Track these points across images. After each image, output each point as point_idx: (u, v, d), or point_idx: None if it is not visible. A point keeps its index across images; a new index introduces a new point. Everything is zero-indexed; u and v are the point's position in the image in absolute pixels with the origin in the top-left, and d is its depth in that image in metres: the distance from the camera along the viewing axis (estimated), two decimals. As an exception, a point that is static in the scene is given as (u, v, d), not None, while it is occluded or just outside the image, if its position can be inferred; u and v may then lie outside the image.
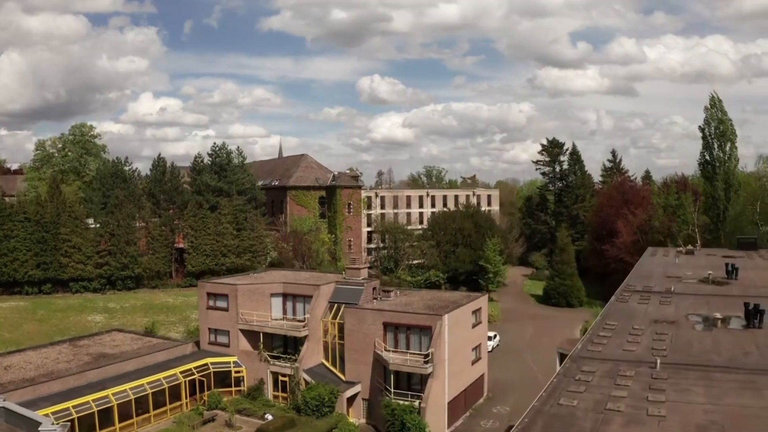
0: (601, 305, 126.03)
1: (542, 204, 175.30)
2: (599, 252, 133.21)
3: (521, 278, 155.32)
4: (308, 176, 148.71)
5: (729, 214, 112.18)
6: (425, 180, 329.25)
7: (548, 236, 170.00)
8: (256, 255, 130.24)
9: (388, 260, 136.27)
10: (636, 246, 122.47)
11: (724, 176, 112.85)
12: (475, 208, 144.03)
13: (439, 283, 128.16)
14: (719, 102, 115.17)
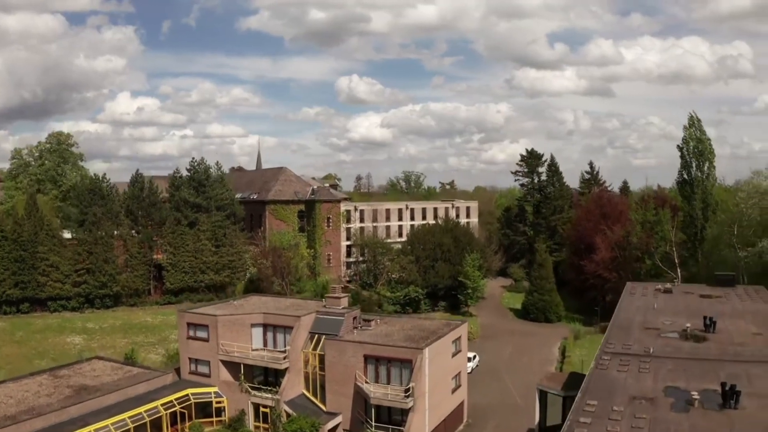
0: (580, 320, 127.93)
1: (521, 215, 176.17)
2: (577, 267, 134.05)
3: (500, 290, 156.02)
4: (287, 190, 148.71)
5: (707, 234, 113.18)
6: (404, 185, 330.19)
7: (527, 247, 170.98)
8: (235, 271, 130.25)
9: (367, 275, 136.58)
10: (614, 262, 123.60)
11: (702, 195, 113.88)
12: (454, 222, 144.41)
13: (419, 298, 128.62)
14: (698, 121, 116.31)
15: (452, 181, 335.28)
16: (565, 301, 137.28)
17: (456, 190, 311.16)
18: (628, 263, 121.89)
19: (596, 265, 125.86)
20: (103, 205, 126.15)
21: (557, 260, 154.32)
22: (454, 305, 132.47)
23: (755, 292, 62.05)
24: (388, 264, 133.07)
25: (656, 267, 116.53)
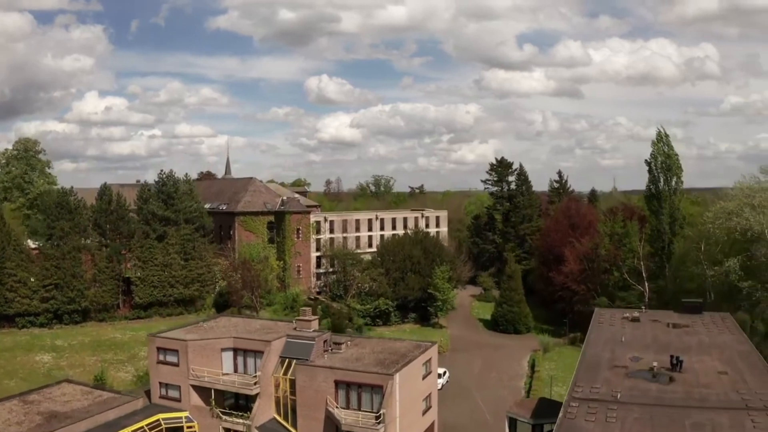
0: (549, 330, 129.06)
1: (490, 223, 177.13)
2: (546, 278, 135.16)
3: (469, 299, 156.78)
4: (257, 201, 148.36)
5: (674, 248, 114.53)
6: (373, 189, 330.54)
7: (495, 255, 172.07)
8: (204, 285, 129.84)
9: (337, 286, 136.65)
10: (583, 275, 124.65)
11: (669, 210, 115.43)
12: (423, 233, 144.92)
13: (389, 311, 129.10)
14: (666, 136, 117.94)
15: (422, 186, 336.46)
16: (534, 310, 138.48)
17: (425, 195, 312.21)
18: (596, 275, 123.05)
19: (565, 276, 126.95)
20: (70, 219, 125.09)
21: (526, 269, 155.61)
22: (424, 317, 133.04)
23: (722, 320, 62.86)
24: (358, 275, 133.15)
25: (624, 280, 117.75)
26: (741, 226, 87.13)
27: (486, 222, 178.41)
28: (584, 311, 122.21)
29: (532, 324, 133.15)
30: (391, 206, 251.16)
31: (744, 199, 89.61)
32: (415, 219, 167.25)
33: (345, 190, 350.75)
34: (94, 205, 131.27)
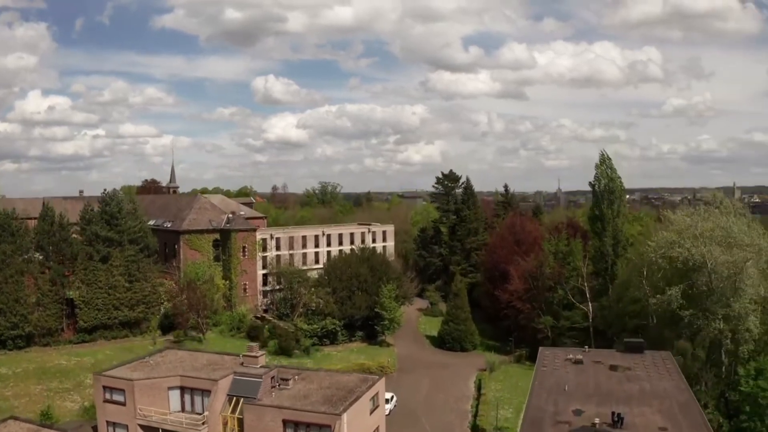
0: (495, 347, 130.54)
1: (436, 236, 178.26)
2: (492, 294, 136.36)
3: (416, 314, 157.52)
4: (202, 218, 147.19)
5: (617, 269, 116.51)
6: (320, 196, 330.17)
7: (442, 268, 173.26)
8: (149, 306, 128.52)
9: (284, 305, 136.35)
10: (528, 293, 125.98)
11: (612, 232, 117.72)
12: (370, 250, 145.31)
13: (336, 330, 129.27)
14: (609, 160, 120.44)
15: (368, 192, 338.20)
16: (480, 325, 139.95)
17: (372, 204, 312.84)
18: (541, 293, 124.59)
19: (510, 294, 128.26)
20: (12, 242, 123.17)
21: (473, 282, 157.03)
22: (372, 334, 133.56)
23: (662, 361, 64.23)
24: (304, 293, 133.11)
25: (568, 298, 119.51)
26: (682, 256, 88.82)
27: (432, 235, 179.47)
28: (530, 327, 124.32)
29: (479, 341, 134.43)
30: (338, 216, 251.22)
31: (686, 229, 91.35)
32: (362, 234, 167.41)
33: (292, 190, 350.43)
34: (36, 227, 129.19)
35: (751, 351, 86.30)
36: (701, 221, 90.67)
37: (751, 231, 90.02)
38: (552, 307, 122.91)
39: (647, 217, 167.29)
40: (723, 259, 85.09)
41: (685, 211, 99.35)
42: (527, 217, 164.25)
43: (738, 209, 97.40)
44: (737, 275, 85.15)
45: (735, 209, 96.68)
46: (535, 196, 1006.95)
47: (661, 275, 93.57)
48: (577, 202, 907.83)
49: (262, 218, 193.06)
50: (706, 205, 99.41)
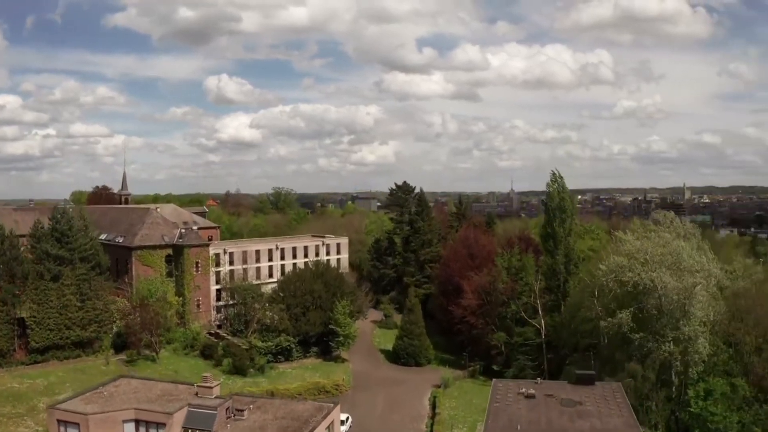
0: (449, 360, 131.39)
1: (390, 248, 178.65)
2: (446, 308, 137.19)
3: (371, 326, 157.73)
4: (154, 234, 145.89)
5: (569, 286, 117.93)
6: (273, 201, 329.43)
7: (396, 279, 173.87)
8: (102, 325, 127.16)
9: (237, 321, 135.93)
10: (481, 309, 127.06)
11: (564, 250, 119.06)
12: (324, 265, 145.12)
13: (290, 347, 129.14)
14: (560, 179, 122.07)
15: (322, 202, 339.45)
16: (434, 337, 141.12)
17: (326, 213, 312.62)
18: (494, 308, 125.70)
19: (464, 310, 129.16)
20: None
21: (427, 293, 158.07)
22: (326, 350, 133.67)
23: (613, 394, 65.27)
24: (258, 308, 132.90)
25: (521, 314, 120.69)
26: (633, 280, 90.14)
27: (386, 246, 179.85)
28: (484, 341, 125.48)
29: (433, 355, 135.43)
30: (292, 223, 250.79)
31: (636, 253, 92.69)
32: (316, 247, 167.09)
33: (246, 191, 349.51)
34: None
35: (701, 372, 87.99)
36: (651, 246, 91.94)
37: (700, 255, 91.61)
38: (505, 322, 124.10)
39: (599, 229, 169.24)
40: (673, 285, 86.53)
41: (636, 233, 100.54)
42: (480, 229, 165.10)
43: (688, 230, 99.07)
44: (687, 299, 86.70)
45: (685, 230, 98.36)
46: (488, 197, 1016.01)
47: (612, 296, 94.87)
48: (529, 203, 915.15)
49: (215, 228, 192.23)
50: (656, 225, 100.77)
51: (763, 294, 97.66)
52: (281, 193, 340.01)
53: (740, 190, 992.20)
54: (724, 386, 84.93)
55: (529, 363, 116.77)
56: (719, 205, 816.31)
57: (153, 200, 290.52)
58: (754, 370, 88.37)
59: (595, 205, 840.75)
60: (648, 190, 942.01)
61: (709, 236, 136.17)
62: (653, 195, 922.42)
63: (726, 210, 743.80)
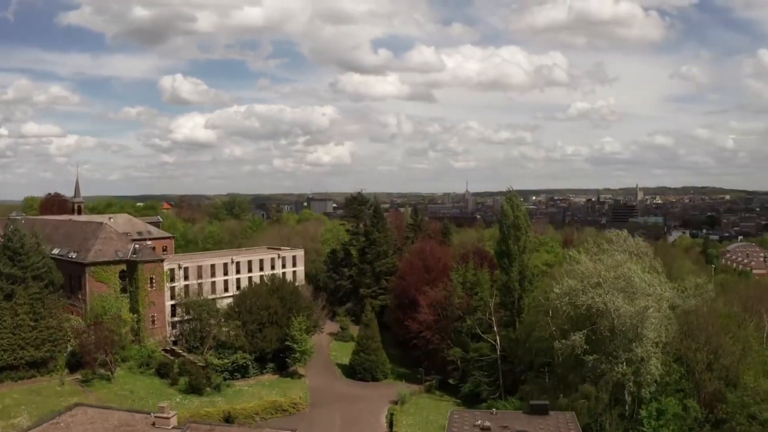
0: (406, 374, 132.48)
1: (346, 259, 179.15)
2: (402, 322, 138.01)
3: (327, 339, 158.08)
4: (108, 249, 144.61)
5: (524, 303, 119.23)
6: (228, 208, 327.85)
7: (352, 290, 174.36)
8: (56, 345, 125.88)
9: (193, 337, 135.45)
10: (437, 324, 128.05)
11: (519, 268, 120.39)
12: (280, 280, 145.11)
13: (247, 365, 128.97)
14: (515, 197, 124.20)
15: (280, 207, 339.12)
16: (391, 349, 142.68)
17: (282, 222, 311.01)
18: (449, 323, 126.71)
19: (419, 324, 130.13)
20: None
21: (383, 304, 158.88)
22: (283, 365, 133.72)
23: (566, 424, 66.33)
24: (214, 324, 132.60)
25: (476, 327, 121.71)
26: (586, 303, 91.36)
27: (342, 258, 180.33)
28: (440, 356, 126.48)
29: (390, 369, 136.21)
30: (248, 231, 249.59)
31: (589, 276, 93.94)
32: (272, 260, 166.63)
33: (201, 192, 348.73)
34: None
35: (653, 392, 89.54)
36: (604, 269, 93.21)
37: (652, 277, 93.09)
38: (461, 336, 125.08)
39: (553, 241, 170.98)
40: (626, 309, 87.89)
41: (589, 252, 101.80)
42: (436, 242, 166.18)
43: (640, 248, 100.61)
44: (640, 322, 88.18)
45: (638, 249, 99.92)
46: (443, 198, 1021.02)
47: (566, 318, 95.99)
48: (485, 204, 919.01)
49: (169, 238, 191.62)
50: (609, 243, 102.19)
51: (713, 312, 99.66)
52: (236, 199, 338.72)
53: (692, 191, 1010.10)
54: (676, 407, 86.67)
55: (485, 379, 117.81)
56: (671, 206, 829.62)
57: (107, 206, 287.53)
58: (706, 389, 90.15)
59: (549, 206, 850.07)
60: (601, 190, 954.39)
61: (661, 249, 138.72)
62: (606, 196, 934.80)
63: (678, 211, 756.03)
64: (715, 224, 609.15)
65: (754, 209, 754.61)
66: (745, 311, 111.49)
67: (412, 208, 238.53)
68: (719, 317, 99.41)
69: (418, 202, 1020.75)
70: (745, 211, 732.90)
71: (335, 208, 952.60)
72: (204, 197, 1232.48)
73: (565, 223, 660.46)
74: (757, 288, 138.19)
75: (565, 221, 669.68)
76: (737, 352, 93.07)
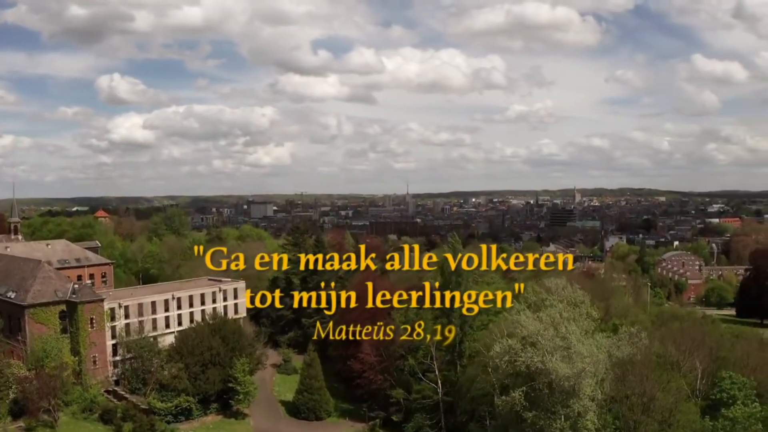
0: (350, 411, 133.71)
1: (288, 288, 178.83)
2: (345, 358, 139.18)
3: (271, 372, 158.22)
4: (47, 290, 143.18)
5: (465, 347, 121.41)
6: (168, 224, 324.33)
7: (294, 320, 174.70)
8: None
9: (135, 378, 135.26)
10: (380, 364, 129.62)
11: (459, 314, 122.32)
12: (222, 319, 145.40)
13: (190, 407, 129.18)
14: (457, 242, 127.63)
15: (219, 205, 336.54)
16: (335, 383, 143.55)
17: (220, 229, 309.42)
18: (392, 362, 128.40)
19: (362, 364, 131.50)
20: None
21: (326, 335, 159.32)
22: (227, 405, 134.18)
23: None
24: (156, 363, 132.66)
25: (417, 368, 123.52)
26: (525, 363, 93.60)
27: (284, 287, 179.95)
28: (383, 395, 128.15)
29: (333, 407, 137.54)
30: (187, 253, 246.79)
31: (528, 337, 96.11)
32: (213, 294, 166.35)
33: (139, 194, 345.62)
34: None
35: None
36: (543, 328, 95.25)
37: (588, 340, 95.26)
38: (403, 376, 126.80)
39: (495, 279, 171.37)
40: (563, 371, 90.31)
41: (528, 299, 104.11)
42: (377, 275, 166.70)
43: (578, 298, 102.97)
44: (577, 381, 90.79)
45: (575, 298, 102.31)
46: (384, 200, 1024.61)
47: (506, 374, 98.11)
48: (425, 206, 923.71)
49: (108, 265, 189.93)
50: (548, 294, 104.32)
51: (647, 360, 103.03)
52: (175, 214, 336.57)
53: (628, 192, 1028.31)
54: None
55: (428, 422, 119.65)
56: (608, 208, 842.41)
57: (43, 224, 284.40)
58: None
59: (489, 209, 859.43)
60: (540, 192, 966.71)
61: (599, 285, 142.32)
62: (545, 198, 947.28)
63: (615, 214, 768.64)
64: (651, 228, 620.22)
65: (689, 212, 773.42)
66: (679, 353, 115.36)
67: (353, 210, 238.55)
68: (653, 367, 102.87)
69: (359, 204, 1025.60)
70: (680, 214, 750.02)
71: (276, 211, 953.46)
72: (143, 199, 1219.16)
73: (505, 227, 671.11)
74: (691, 326, 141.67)
75: (504, 225, 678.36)
76: (670, 403, 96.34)
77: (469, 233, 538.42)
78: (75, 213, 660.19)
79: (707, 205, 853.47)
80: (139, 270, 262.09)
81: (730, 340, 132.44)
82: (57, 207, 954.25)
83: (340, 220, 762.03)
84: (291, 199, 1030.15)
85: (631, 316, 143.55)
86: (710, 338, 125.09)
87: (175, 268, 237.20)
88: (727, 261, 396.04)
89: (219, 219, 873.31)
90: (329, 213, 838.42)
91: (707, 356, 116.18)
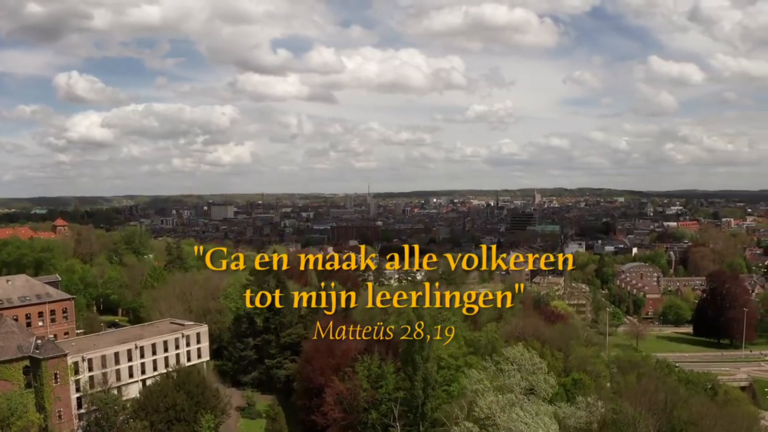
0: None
1: (251, 327, 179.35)
2: (309, 409, 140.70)
3: (235, 416, 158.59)
4: (10, 346, 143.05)
5: (427, 408, 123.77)
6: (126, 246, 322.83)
7: (257, 359, 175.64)
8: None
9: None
10: (344, 420, 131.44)
11: (423, 376, 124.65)
12: (186, 373, 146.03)
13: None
14: (420, 307, 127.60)
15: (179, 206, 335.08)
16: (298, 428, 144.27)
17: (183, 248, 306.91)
18: (355, 416, 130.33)
19: (326, 420, 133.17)
20: None
21: (289, 374, 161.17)
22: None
23: None
24: (120, 420, 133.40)
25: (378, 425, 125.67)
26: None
27: (246, 327, 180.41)
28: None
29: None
30: (148, 282, 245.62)
31: (486, 421, 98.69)
32: (176, 340, 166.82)
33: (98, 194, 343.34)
34: None
35: None
36: (499, 409, 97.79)
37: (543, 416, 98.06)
38: (366, 428, 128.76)
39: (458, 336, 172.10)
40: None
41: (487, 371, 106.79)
42: (339, 317, 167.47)
43: (536, 365, 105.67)
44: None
45: (533, 366, 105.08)
46: (345, 200, 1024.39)
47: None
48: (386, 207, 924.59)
49: (69, 300, 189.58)
50: (507, 362, 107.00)
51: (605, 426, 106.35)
52: (135, 233, 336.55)
53: (588, 192, 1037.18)
54: None
55: None
56: (568, 210, 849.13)
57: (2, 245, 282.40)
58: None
59: (450, 210, 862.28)
60: (500, 192, 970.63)
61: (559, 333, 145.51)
62: (506, 198, 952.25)
63: (574, 217, 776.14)
64: (610, 231, 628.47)
65: (647, 214, 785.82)
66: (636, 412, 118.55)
67: (314, 211, 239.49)
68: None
69: (320, 204, 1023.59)
70: (639, 216, 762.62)
71: (236, 212, 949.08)
72: (102, 199, 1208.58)
73: (466, 231, 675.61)
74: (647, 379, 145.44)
75: (465, 229, 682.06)
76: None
77: (430, 238, 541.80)
78: (33, 216, 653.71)
79: (665, 207, 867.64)
80: (99, 295, 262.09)
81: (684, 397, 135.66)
82: (15, 209, 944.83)
83: (301, 223, 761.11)
84: (252, 199, 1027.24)
85: (590, 365, 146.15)
86: (664, 392, 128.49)
87: (136, 295, 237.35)
88: (685, 272, 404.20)
89: (179, 221, 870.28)
90: (290, 215, 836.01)
91: (662, 415, 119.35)
